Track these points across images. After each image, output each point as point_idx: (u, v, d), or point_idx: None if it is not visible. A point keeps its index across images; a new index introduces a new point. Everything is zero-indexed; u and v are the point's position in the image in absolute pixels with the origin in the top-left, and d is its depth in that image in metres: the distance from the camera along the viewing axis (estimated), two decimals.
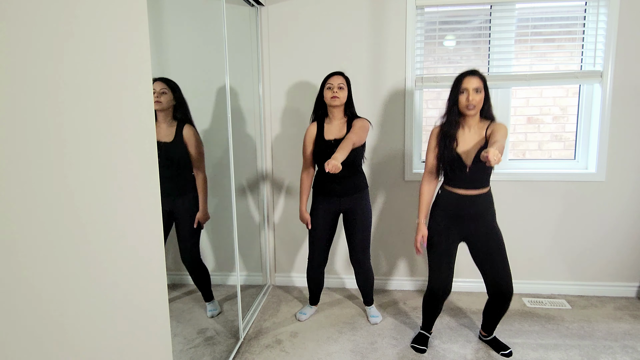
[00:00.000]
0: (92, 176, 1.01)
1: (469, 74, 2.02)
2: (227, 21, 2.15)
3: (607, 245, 2.80)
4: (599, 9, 2.60)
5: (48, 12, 0.88)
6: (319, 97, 2.41)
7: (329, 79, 2.34)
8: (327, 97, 2.33)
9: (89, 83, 1.00)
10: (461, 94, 2.01)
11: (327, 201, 2.42)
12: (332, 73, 2.37)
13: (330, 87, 2.32)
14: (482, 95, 2.01)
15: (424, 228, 2.17)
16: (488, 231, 2.06)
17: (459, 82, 2.03)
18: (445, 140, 2.06)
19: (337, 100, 2.31)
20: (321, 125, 2.41)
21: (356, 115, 2.42)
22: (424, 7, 2.72)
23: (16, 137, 0.80)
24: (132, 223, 1.17)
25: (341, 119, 2.38)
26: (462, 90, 2.01)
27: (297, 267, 3.10)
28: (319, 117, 2.43)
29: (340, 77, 2.33)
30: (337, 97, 2.30)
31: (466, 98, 1.99)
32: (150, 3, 1.25)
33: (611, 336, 2.35)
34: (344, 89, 2.32)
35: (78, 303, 0.97)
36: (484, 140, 2.02)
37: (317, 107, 2.44)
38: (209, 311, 2.57)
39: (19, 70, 0.81)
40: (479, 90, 1.99)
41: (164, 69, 2.39)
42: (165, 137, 2.31)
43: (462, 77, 2.03)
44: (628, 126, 2.66)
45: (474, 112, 2.01)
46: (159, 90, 2.25)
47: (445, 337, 2.37)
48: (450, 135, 2.05)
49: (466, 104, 2.00)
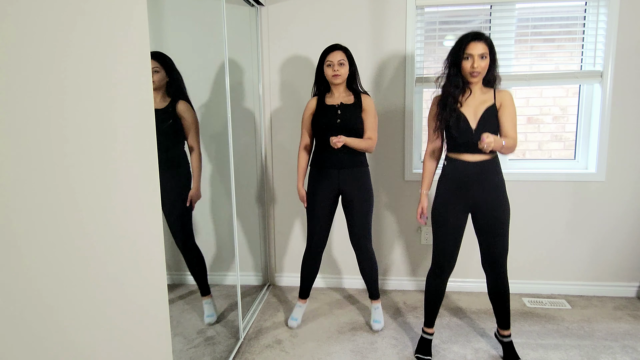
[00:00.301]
0: (91, 175, 1.01)
1: (475, 39, 1.90)
2: (227, 21, 2.15)
3: (607, 245, 2.80)
4: (599, 9, 2.60)
5: (47, 9, 0.88)
6: (319, 71, 2.33)
7: (328, 55, 2.25)
8: (328, 74, 2.26)
9: (88, 83, 1.00)
10: (465, 60, 1.92)
11: (326, 178, 2.31)
12: (330, 48, 2.27)
13: (331, 65, 2.24)
14: (487, 61, 1.92)
15: (424, 200, 2.14)
16: (494, 201, 1.98)
17: (462, 46, 1.92)
18: (448, 100, 1.97)
19: (338, 78, 2.25)
20: (322, 100, 2.34)
21: (361, 90, 2.34)
22: (424, 7, 2.72)
23: (17, 138, 0.80)
24: (132, 222, 1.17)
25: (345, 92, 2.32)
26: (467, 55, 1.92)
27: (297, 267, 3.10)
28: (320, 93, 2.36)
29: (339, 52, 2.24)
30: (338, 74, 2.23)
31: (471, 65, 1.91)
32: (150, 3, 1.25)
33: (611, 336, 2.35)
34: (344, 65, 2.25)
35: (77, 303, 0.97)
36: (492, 103, 1.95)
37: (317, 82, 2.36)
38: (207, 317, 2.49)
39: (18, 68, 0.81)
40: (484, 57, 1.91)
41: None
42: (155, 105, 2.26)
43: (466, 40, 1.92)
44: (628, 126, 2.66)
45: (477, 79, 1.94)
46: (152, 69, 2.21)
47: (445, 337, 2.37)
48: (454, 96, 1.96)
49: (470, 70, 1.91)
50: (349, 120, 2.26)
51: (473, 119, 1.97)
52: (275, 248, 3.11)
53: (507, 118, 1.97)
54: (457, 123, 1.97)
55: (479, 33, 1.94)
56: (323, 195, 2.34)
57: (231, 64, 2.25)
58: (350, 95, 2.33)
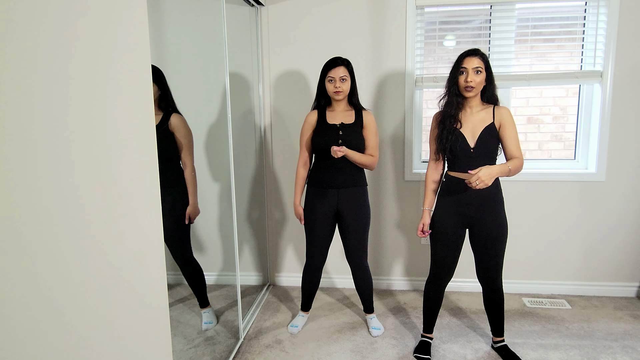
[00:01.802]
0: (91, 176, 1.01)
1: (470, 54, 1.95)
2: (227, 21, 2.15)
3: (607, 245, 2.80)
4: (599, 9, 2.60)
5: (46, 9, 0.88)
6: (321, 85, 2.30)
7: (330, 71, 2.22)
8: (330, 90, 2.24)
9: (88, 83, 1.00)
10: (460, 75, 1.96)
11: (324, 197, 2.29)
12: (332, 62, 2.23)
13: (332, 80, 2.22)
14: (482, 76, 1.94)
15: (426, 216, 2.14)
16: (491, 220, 1.99)
17: (459, 62, 1.96)
18: (446, 121, 2.00)
19: (340, 95, 2.23)
20: (322, 114, 2.32)
21: (361, 106, 2.33)
22: (424, 7, 2.72)
23: (16, 138, 0.80)
24: (132, 222, 1.17)
25: (346, 108, 2.31)
26: (462, 70, 1.95)
27: (297, 267, 3.10)
28: (320, 106, 2.34)
29: (342, 68, 2.21)
30: (340, 91, 2.22)
31: (465, 79, 1.94)
32: (150, 3, 1.25)
33: (611, 336, 2.35)
34: (346, 81, 2.23)
35: (77, 302, 0.97)
36: (491, 122, 1.97)
37: (319, 96, 2.33)
38: (205, 323, 2.45)
39: (19, 68, 0.81)
40: (479, 71, 1.93)
41: (164, 69, 2.38)
42: None
43: (462, 56, 1.96)
44: (628, 126, 2.66)
45: (472, 93, 1.95)
46: None
47: (445, 337, 2.37)
48: (452, 115, 1.99)
49: (465, 85, 1.94)
50: (351, 141, 2.23)
51: (471, 138, 1.99)
52: (275, 248, 3.11)
53: (509, 138, 1.97)
54: (456, 143, 1.99)
55: (475, 49, 1.98)
56: (322, 215, 2.32)
57: (231, 64, 2.25)
58: (351, 112, 2.31)
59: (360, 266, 2.39)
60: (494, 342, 2.24)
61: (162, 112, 2.23)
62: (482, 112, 2.00)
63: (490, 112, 2.01)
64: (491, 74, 1.99)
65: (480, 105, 2.02)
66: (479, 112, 2.01)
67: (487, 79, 1.99)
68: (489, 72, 1.98)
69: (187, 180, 2.31)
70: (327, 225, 2.35)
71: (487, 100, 2.03)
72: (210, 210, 2.95)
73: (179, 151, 2.28)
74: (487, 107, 2.02)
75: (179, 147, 2.27)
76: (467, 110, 2.02)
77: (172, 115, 2.23)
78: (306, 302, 2.55)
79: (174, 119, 2.23)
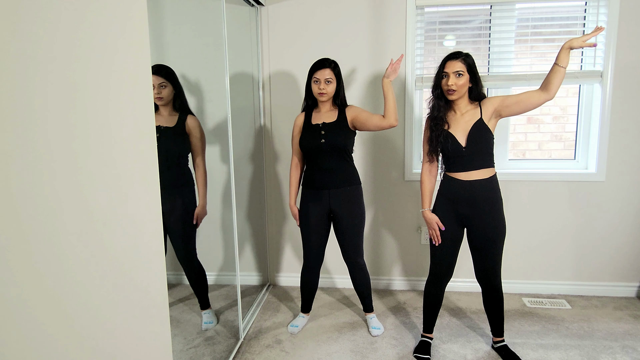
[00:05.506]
0: (91, 175, 1.01)
1: (451, 58, 1.98)
2: (227, 21, 2.15)
3: (607, 245, 2.80)
4: (599, 9, 2.60)
5: (47, 10, 0.88)
6: (308, 86, 2.32)
7: (315, 72, 2.24)
8: (314, 91, 2.26)
9: (88, 83, 1.00)
10: (443, 78, 1.99)
11: (317, 198, 2.31)
12: (319, 64, 2.24)
13: (317, 82, 2.24)
14: (465, 78, 1.96)
15: (432, 215, 2.11)
16: (488, 221, 2.00)
17: (442, 66, 2.00)
18: (434, 123, 2.03)
19: (324, 96, 2.24)
20: (309, 115, 2.35)
21: (346, 104, 2.34)
22: (424, 7, 2.72)
23: (17, 138, 0.80)
24: (132, 222, 1.17)
25: (330, 108, 2.32)
26: (444, 74, 1.98)
27: (297, 267, 3.10)
28: (308, 107, 2.37)
29: (327, 70, 2.22)
30: (324, 92, 2.23)
31: (446, 82, 1.97)
32: (150, 3, 1.25)
33: (611, 336, 2.35)
34: (331, 83, 2.24)
35: (77, 302, 0.97)
36: (479, 117, 1.98)
37: (306, 96, 2.36)
38: (205, 323, 2.46)
39: (20, 68, 0.81)
40: (460, 74, 1.95)
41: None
42: (166, 123, 2.22)
43: (444, 60, 2.00)
44: (628, 126, 2.66)
45: (455, 96, 1.98)
46: (158, 85, 2.17)
47: (445, 337, 2.37)
48: (439, 117, 2.02)
49: (447, 88, 1.97)
50: (333, 140, 2.24)
51: (462, 136, 2.00)
52: (275, 248, 3.11)
53: (518, 95, 1.95)
54: (447, 145, 2.01)
55: (457, 52, 1.99)
56: (316, 216, 2.33)
57: (231, 64, 2.25)
58: (335, 111, 2.31)
59: (357, 265, 2.40)
60: (494, 342, 2.24)
61: (177, 113, 2.25)
62: (470, 111, 2.02)
63: (478, 108, 2.02)
64: (476, 74, 2.00)
65: (468, 105, 2.04)
66: (468, 111, 2.03)
67: (473, 80, 2.00)
68: (474, 73, 1.99)
69: (198, 181, 2.34)
70: (322, 226, 2.36)
71: (475, 99, 2.05)
72: (210, 210, 2.94)
73: (191, 152, 2.31)
74: (474, 105, 2.04)
75: (193, 149, 2.31)
76: (456, 112, 2.04)
77: (187, 116, 2.26)
78: (306, 303, 2.55)
79: (190, 120, 2.27)
